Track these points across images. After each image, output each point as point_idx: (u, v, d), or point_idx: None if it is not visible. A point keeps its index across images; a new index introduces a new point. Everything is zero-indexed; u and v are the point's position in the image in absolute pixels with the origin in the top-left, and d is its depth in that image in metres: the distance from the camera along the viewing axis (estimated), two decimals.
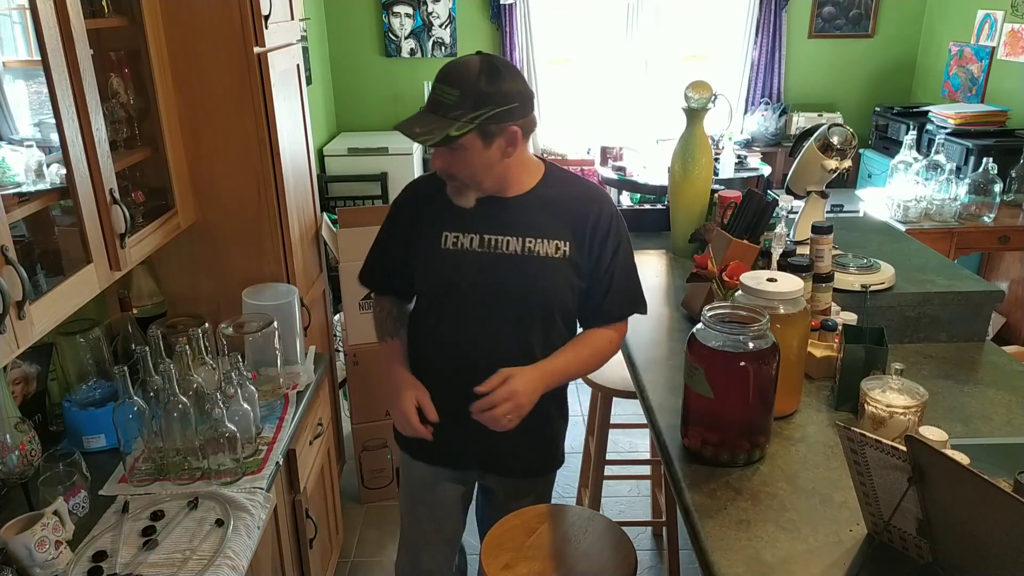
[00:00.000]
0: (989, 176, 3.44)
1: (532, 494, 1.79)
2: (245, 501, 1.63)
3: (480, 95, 1.40)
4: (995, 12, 4.50)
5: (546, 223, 1.56)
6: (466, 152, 1.44)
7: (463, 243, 1.57)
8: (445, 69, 1.45)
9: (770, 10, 5.27)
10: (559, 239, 1.55)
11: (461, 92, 1.40)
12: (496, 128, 1.43)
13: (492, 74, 1.41)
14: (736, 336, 1.37)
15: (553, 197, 1.58)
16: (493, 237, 1.56)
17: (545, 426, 1.70)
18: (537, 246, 1.55)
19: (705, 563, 1.24)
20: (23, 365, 1.78)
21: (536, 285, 1.56)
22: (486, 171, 1.49)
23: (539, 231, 1.55)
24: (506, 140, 1.46)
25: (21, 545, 1.37)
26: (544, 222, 1.56)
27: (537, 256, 1.55)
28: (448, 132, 1.40)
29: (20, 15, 1.54)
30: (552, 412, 1.70)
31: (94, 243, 1.59)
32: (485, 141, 1.44)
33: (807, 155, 2.29)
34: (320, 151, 4.92)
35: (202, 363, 1.87)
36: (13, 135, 1.58)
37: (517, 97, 1.43)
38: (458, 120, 1.40)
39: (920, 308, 1.96)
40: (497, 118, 1.42)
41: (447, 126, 1.40)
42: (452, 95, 1.41)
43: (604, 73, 5.59)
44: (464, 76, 1.41)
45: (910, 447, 1.07)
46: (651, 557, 2.75)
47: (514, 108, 1.43)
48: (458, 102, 1.40)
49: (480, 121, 1.41)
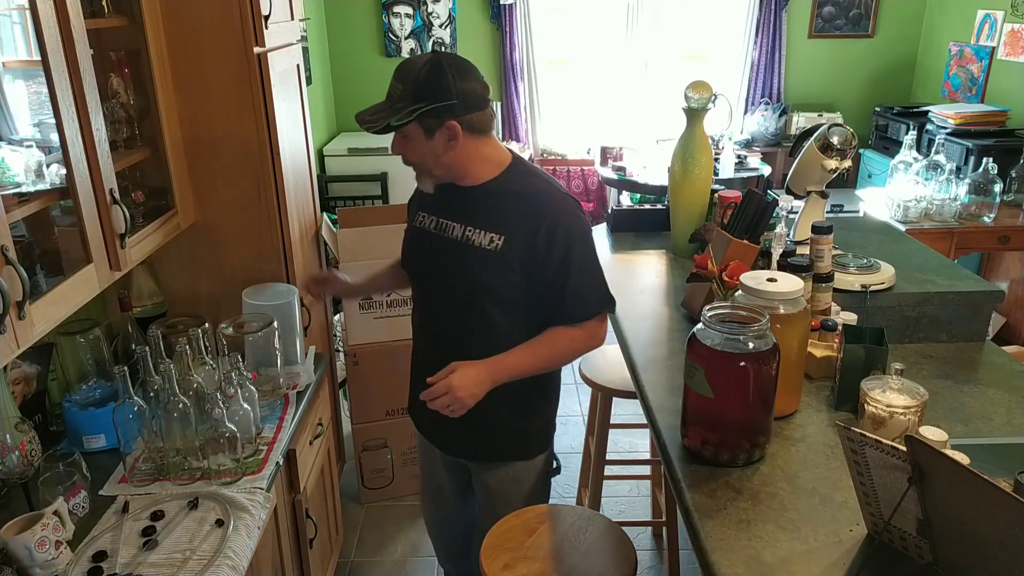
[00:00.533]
0: (989, 176, 3.44)
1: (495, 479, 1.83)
2: (245, 501, 1.63)
3: (418, 90, 1.50)
4: (995, 12, 4.50)
5: (487, 216, 1.62)
6: (411, 141, 1.56)
7: (426, 224, 1.72)
8: (400, 64, 1.56)
9: (770, 10, 5.27)
10: (495, 232, 1.60)
11: (403, 86, 1.52)
12: (434, 122, 1.53)
13: (435, 71, 1.50)
14: (736, 336, 1.37)
15: (503, 192, 1.63)
16: (444, 221, 1.68)
17: (490, 417, 1.70)
18: (474, 236, 1.62)
19: (705, 563, 1.24)
20: (23, 365, 1.78)
21: (470, 273, 1.63)
22: (434, 160, 1.59)
23: (478, 222, 1.62)
24: (447, 134, 1.54)
25: (21, 545, 1.37)
26: (485, 214, 1.62)
27: (473, 245, 1.62)
28: (389, 121, 1.52)
29: (20, 15, 1.54)
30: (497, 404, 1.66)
31: (94, 243, 1.59)
32: (426, 133, 1.54)
33: (807, 155, 2.29)
34: (320, 151, 4.92)
35: (202, 363, 1.87)
36: (13, 135, 1.58)
37: (458, 95, 1.51)
38: (400, 112, 1.51)
39: (920, 308, 1.96)
40: (434, 113, 1.51)
41: (390, 115, 1.52)
42: (397, 88, 1.53)
43: (604, 73, 5.59)
44: (409, 71, 1.52)
45: (910, 447, 1.07)
46: (651, 557, 2.75)
47: (452, 105, 1.51)
48: (401, 95, 1.52)
49: (417, 114, 1.51)
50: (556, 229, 1.59)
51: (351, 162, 4.94)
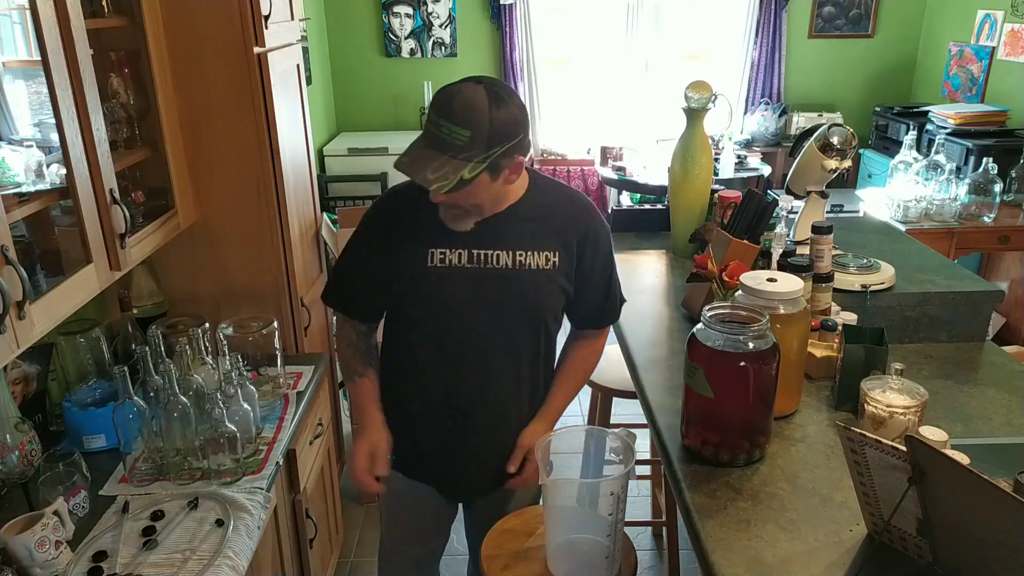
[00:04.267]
0: (989, 176, 3.44)
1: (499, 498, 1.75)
2: (245, 501, 1.63)
3: (493, 134, 1.33)
4: (995, 12, 4.50)
5: (535, 235, 1.53)
6: (475, 186, 1.37)
7: (451, 260, 1.51)
8: (451, 105, 1.34)
9: (770, 10, 5.27)
10: (548, 250, 1.54)
11: (473, 133, 1.32)
12: (506, 162, 1.39)
13: (500, 107, 1.34)
14: (736, 336, 1.37)
15: (540, 207, 1.55)
16: (483, 252, 1.51)
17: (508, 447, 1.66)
18: (528, 259, 1.53)
19: (705, 563, 1.24)
20: (23, 365, 1.78)
21: (527, 297, 1.55)
22: (491, 200, 1.47)
23: (529, 244, 1.53)
24: (512, 169, 1.42)
25: (21, 545, 1.37)
26: (533, 234, 1.53)
27: (528, 269, 1.53)
28: (462, 175, 1.33)
29: (20, 15, 1.54)
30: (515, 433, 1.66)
31: (94, 243, 1.59)
32: (493, 175, 1.39)
33: (807, 155, 2.29)
34: (320, 151, 4.92)
35: (202, 363, 1.87)
36: (13, 135, 1.58)
37: (522, 126, 1.39)
38: (471, 161, 1.33)
39: (920, 308, 1.96)
40: (508, 152, 1.37)
41: (459, 168, 1.33)
42: (463, 135, 1.32)
43: (604, 73, 5.59)
44: (475, 114, 1.32)
45: (910, 447, 1.07)
46: (651, 557, 2.75)
47: (522, 139, 1.39)
48: (470, 143, 1.32)
49: (492, 159, 1.36)
50: (599, 235, 1.59)
51: (351, 162, 4.95)
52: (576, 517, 1.55)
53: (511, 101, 1.36)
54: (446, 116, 1.33)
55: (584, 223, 1.58)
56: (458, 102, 1.33)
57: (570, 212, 1.58)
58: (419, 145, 1.37)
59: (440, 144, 1.34)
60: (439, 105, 1.35)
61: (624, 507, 1.51)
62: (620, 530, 1.52)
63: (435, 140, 1.35)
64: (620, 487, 1.46)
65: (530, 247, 1.53)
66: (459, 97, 1.33)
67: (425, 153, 1.35)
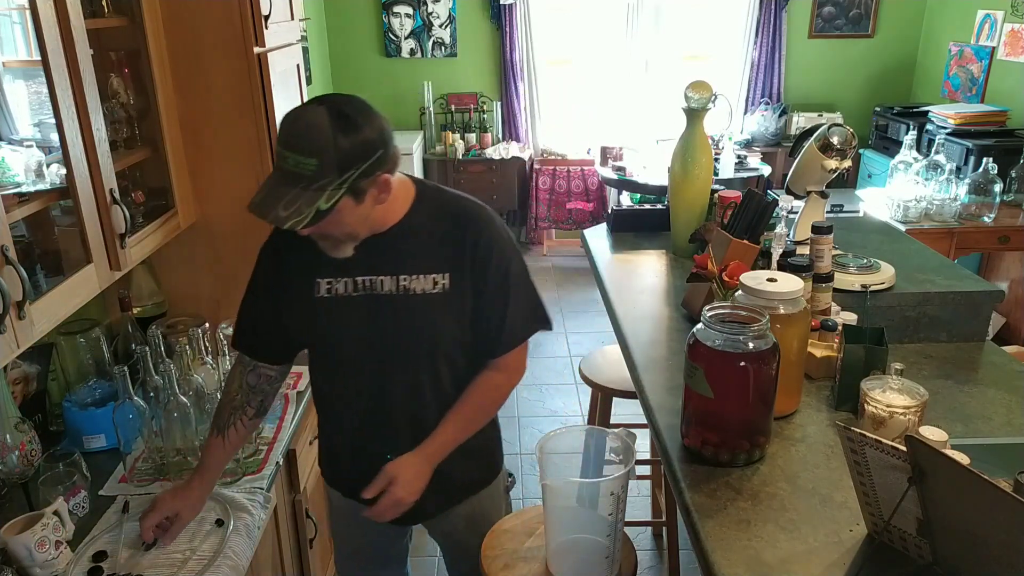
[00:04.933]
0: (989, 176, 3.44)
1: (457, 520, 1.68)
2: (245, 501, 1.63)
3: (343, 158, 1.22)
4: (995, 12, 4.50)
5: (419, 256, 1.42)
6: (339, 214, 1.27)
7: (337, 289, 1.43)
8: (292, 132, 1.23)
9: (770, 10, 5.28)
10: (436, 272, 1.42)
11: (320, 160, 1.21)
12: (366, 183, 1.27)
13: (348, 128, 1.22)
14: (736, 336, 1.37)
15: (424, 224, 1.43)
16: (367, 279, 1.42)
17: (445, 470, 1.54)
18: (413, 283, 1.42)
19: (705, 563, 1.24)
20: (23, 365, 1.78)
21: (416, 326, 1.43)
22: (364, 224, 1.35)
23: (413, 266, 1.42)
24: (379, 188, 1.31)
25: (21, 545, 1.37)
26: (417, 255, 1.42)
27: (414, 294, 1.42)
28: (318, 207, 1.23)
29: (20, 15, 1.54)
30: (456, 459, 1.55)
31: (94, 243, 1.59)
32: (357, 199, 1.28)
33: (807, 155, 2.29)
34: None
35: (202, 363, 1.87)
36: (13, 135, 1.58)
37: (379, 142, 1.26)
38: (325, 190, 1.23)
39: (920, 308, 1.96)
40: (365, 173, 1.25)
41: (314, 199, 1.22)
42: (309, 164, 1.21)
43: (604, 73, 5.60)
44: (319, 140, 1.21)
45: (910, 447, 1.07)
46: (651, 557, 2.75)
47: (380, 156, 1.27)
48: (319, 171, 1.21)
49: (349, 184, 1.24)
50: (492, 250, 1.44)
51: None
52: (576, 517, 1.55)
53: (360, 118, 1.25)
54: (290, 146, 1.23)
55: (472, 236, 1.43)
56: (299, 129, 1.23)
57: (456, 225, 1.43)
58: (270, 182, 1.26)
59: (290, 177, 1.23)
60: (282, 134, 1.25)
61: (624, 507, 1.52)
62: (620, 530, 1.52)
63: (284, 174, 1.24)
64: (620, 487, 1.46)
65: (414, 270, 1.42)
66: (299, 124, 1.23)
67: (276, 190, 1.24)
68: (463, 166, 5.43)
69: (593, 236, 2.71)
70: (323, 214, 1.24)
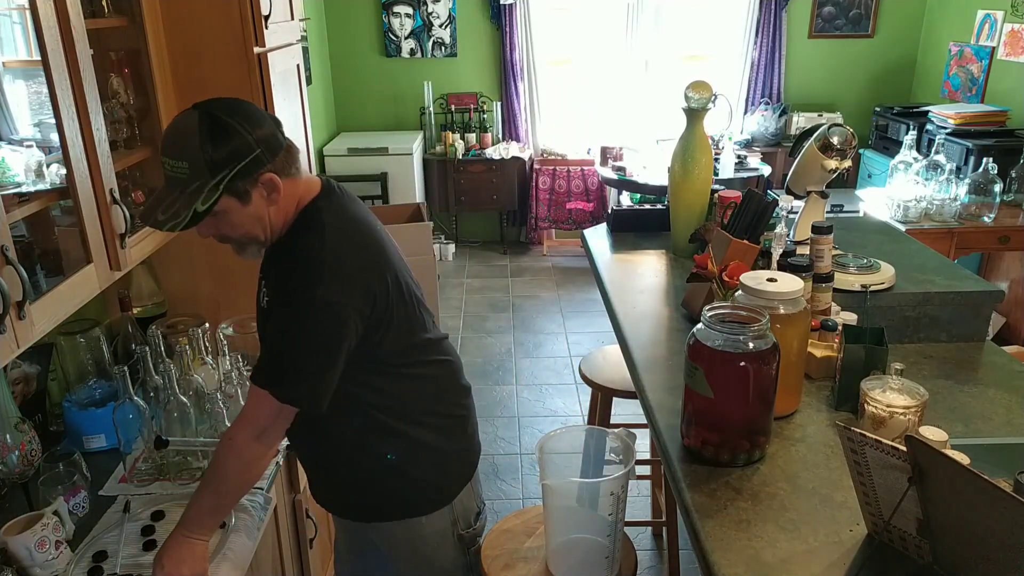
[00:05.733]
0: (989, 176, 3.44)
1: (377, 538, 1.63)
2: (245, 501, 1.63)
3: (214, 159, 1.25)
4: (995, 12, 4.50)
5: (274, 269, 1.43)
6: (226, 215, 1.31)
7: (261, 297, 1.47)
8: (166, 138, 1.30)
9: (770, 10, 5.28)
10: (267, 287, 1.42)
11: (190, 163, 1.25)
12: (247, 183, 1.30)
13: (216, 133, 1.26)
14: (736, 336, 1.37)
15: (282, 241, 1.41)
16: (263, 288, 1.45)
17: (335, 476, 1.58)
18: (264, 296, 1.43)
19: (705, 563, 1.24)
20: (23, 365, 1.78)
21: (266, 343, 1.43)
22: (259, 224, 1.36)
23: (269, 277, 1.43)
24: (265, 187, 1.32)
25: (21, 545, 1.37)
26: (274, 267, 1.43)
27: (265, 308, 1.42)
28: (195, 208, 1.26)
29: (20, 15, 1.54)
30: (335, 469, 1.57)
31: (94, 243, 1.59)
32: (242, 200, 1.31)
33: (807, 155, 2.29)
34: (320, 151, 4.92)
35: (202, 363, 1.87)
36: (13, 135, 1.58)
37: (258, 143, 1.29)
38: (201, 192, 1.26)
39: (920, 308, 1.96)
40: (241, 174, 1.28)
41: (191, 202, 1.26)
42: (182, 168, 1.26)
43: (604, 73, 5.60)
44: (186, 145, 1.26)
45: (910, 447, 1.07)
46: (651, 557, 2.75)
47: (257, 156, 1.29)
48: (191, 174, 1.26)
49: (225, 184, 1.27)
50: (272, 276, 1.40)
51: (351, 162, 4.95)
52: (576, 517, 1.55)
53: (234, 122, 1.27)
54: (165, 152, 1.29)
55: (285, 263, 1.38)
56: (170, 136, 1.29)
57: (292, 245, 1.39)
58: (158, 190, 1.32)
59: (171, 183, 1.29)
60: (162, 141, 1.31)
61: (624, 507, 1.52)
62: (620, 530, 1.52)
63: (167, 180, 1.30)
64: (620, 487, 1.46)
65: (265, 283, 1.44)
66: (171, 130, 1.29)
67: (160, 196, 1.30)
68: (463, 166, 5.44)
69: (593, 236, 2.71)
70: (201, 215, 1.27)
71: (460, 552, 1.64)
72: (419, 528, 1.58)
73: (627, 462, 1.48)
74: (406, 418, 1.52)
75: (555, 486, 1.54)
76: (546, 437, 1.57)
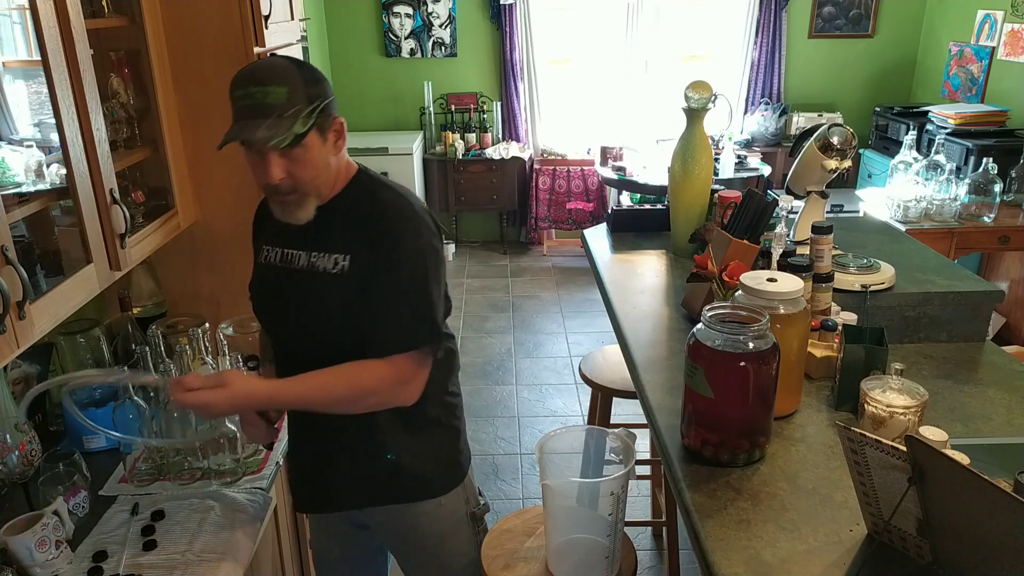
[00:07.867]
0: (989, 176, 3.44)
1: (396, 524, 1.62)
2: (245, 501, 1.63)
3: (308, 86, 1.31)
4: (995, 12, 4.50)
5: (329, 235, 1.42)
6: (307, 152, 1.32)
7: (270, 257, 1.50)
8: (255, 73, 1.30)
9: (770, 10, 5.28)
10: (339, 252, 1.40)
11: (290, 88, 1.28)
12: (327, 121, 1.35)
13: (304, 67, 1.34)
14: (736, 336, 1.37)
15: (347, 206, 1.43)
16: (289, 252, 1.47)
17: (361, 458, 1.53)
18: (319, 261, 1.42)
19: (705, 563, 1.24)
20: (23, 365, 1.78)
21: (317, 305, 1.43)
22: (326, 171, 1.39)
23: (322, 244, 1.42)
24: (335, 133, 1.39)
25: (21, 545, 1.37)
26: (329, 235, 1.42)
27: (318, 272, 1.42)
28: (295, 129, 1.28)
29: (20, 15, 1.54)
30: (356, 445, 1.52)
31: (94, 243, 1.59)
32: (322, 136, 1.35)
33: (807, 155, 2.29)
34: None
35: (202, 363, 1.87)
36: (13, 135, 1.58)
37: (330, 87, 1.38)
38: (299, 116, 1.28)
39: (920, 308, 1.96)
40: (326, 109, 1.34)
41: (291, 123, 1.28)
42: (280, 92, 1.27)
43: (604, 73, 5.60)
44: (284, 73, 1.29)
45: (910, 447, 1.07)
46: (651, 557, 2.75)
47: (333, 100, 1.37)
48: (290, 97, 1.28)
49: (318, 112, 1.31)
50: (385, 238, 1.39)
51: None
52: (576, 517, 1.55)
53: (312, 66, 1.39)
54: (256, 83, 1.28)
55: (383, 226, 1.40)
56: (262, 68, 1.31)
57: (373, 211, 1.41)
58: (239, 123, 1.30)
59: (261, 110, 1.27)
60: (244, 81, 1.30)
61: (624, 507, 1.52)
62: (620, 530, 1.52)
63: (254, 109, 1.28)
64: (620, 487, 1.46)
65: (323, 248, 1.42)
66: (260, 65, 1.32)
67: (250, 122, 1.28)
68: (463, 166, 5.44)
69: (593, 236, 2.71)
70: (300, 138, 1.29)
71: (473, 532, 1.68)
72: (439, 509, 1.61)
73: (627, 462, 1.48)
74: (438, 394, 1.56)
75: (555, 486, 1.54)
76: (546, 437, 1.57)
